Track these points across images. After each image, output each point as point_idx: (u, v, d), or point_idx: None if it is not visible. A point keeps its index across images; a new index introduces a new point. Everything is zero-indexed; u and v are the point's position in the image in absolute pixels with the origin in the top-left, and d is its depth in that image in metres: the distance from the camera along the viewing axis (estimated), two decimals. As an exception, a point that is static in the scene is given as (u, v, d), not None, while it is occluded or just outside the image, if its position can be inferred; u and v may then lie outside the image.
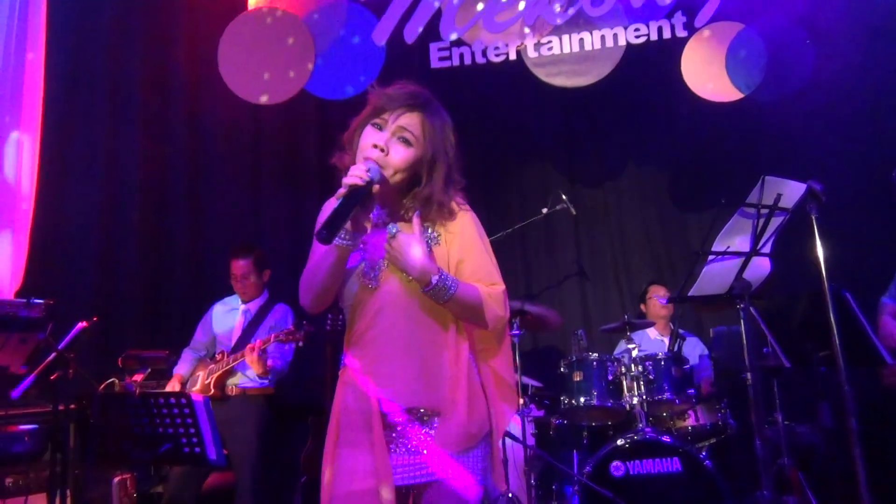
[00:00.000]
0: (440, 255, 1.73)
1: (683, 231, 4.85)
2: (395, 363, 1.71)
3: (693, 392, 3.71)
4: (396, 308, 1.72)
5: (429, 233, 1.75)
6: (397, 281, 1.72)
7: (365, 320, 1.73)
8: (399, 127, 1.71)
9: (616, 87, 4.69)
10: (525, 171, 5.11)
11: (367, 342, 1.74)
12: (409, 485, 1.70)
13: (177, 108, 5.05)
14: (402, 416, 1.72)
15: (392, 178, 1.70)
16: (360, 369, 1.75)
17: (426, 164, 1.73)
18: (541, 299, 4.82)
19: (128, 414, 2.84)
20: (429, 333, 1.72)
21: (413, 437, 1.71)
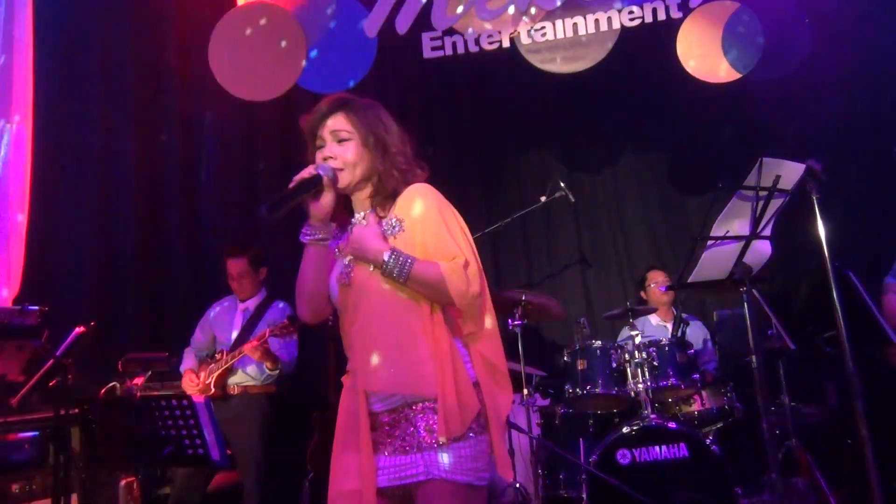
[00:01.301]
0: (407, 242, 1.74)
1: (685, 215, 4.82)
2: (372, 353, 1.72)
3: (698, 377, 3.70)
4: (368, 299, 1.75)
5: (392, 221, 1.77)
6: (365, 273, 1.75)
7: (347, 318, 1.79)
8: (331, 132, 1.81)
9: (612, 72, 4.65)
10: (522, 160, 5.08)
11: (351, 338, 1.78)
12: (401, 485, 1.70)
13: (170, 108, 5.02)
14: (390, 415, 1.73)
15: (354, 175, 1.79)
16: (352, 369, 1.79)
17: (374, 151, 1.79)
18: (542, 288, 4.80)
19: (130, 417, 2.85)
20: (403, 320, 1.73)
21: (402, 436, 1.71)
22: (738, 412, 3.77)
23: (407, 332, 1.72)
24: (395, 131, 1.83)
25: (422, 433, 1.68)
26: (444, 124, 5.03)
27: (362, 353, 1.74)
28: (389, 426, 1.72)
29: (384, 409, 1.73)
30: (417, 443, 1.68)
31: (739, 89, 4.45)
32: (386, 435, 1.72)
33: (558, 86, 4.84)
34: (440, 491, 1.66)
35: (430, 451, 1.67)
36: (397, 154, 1.80)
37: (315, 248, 1.79)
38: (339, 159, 1.78)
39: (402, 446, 1.70)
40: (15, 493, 3.06)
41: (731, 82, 4.42)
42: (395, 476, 1.69)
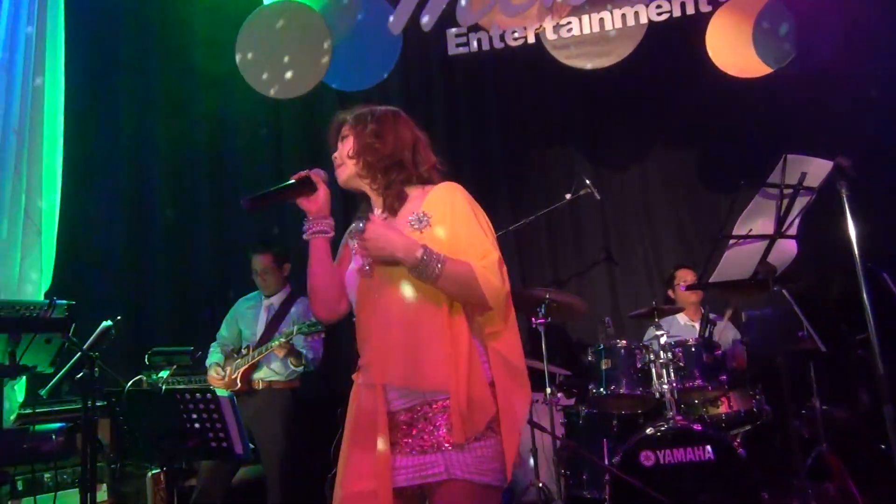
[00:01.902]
0: (434, 237, 1.74)
1: (714, 213, 4.74)
2: (391, 346, 1.72)
3: (725, 378, 3.64)
4: (388, 293, 1.75)
5: (420, 215, 1.78)
6: (388, 268, 1.75)
7: (365, 310, 1.79)
8: (339, 135, 1.91)
9: (639, 67, 4.59)
10: (548, 157, 5.05)
11: (368, 331, 1.78)
12: (419, 484, 1.70)
13: (198, 105, 5.10)
14: (407, 413, 1.72)
15: (350, 169, 1.86)
16: (366, 364, 1.78)
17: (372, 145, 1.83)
18: (568, 286, 4.78)
19: (155, 410, 2.91)
20: (421, 316, 1.72)
21: (421, 435, 1.70)
22: (767, 415, 3.70)
23: (427, 327, 1.71)
24: (392, 124, 1.87)
25: (442, 432, 1.68)
26: (468, 121, 5.03)
27: (380, 347, 1.74)
28: (407, 425, 1.71)
29: (402, 408, 1.72)
30: (437, 442, 1.68)
31: (770, 85, 4.36)
32: (403, 434, 1.71)
33: (584, 82, 4.80)
34: (460, 491, 1.66)
35: (451, 450, 1.67)
36: (377, 138, 1.83)
37: (318, 242, 1.83)
38: (338, 156, 1.88)
39: (420, 445, 1.69)
40: (46, 483, 3.16)
41: (762, 77, 4.33)
42: (414, 475, 1.68)
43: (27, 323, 2.25)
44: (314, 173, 1.85)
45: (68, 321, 2.40)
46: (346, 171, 1.87)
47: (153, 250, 4.96)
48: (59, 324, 2.35)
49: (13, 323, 2.22)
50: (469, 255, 1.71)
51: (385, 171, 1.83)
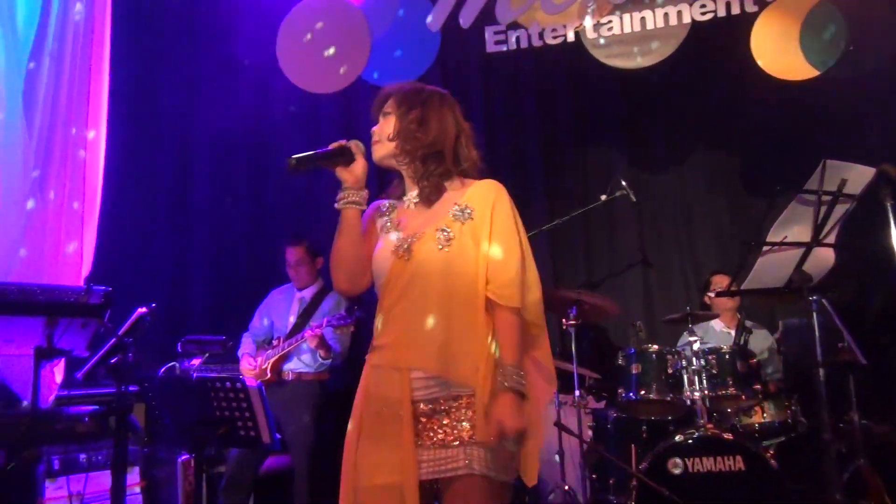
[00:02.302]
0: (474, 231, 1.76)
1: (755, 218, 4.61)
2: (424, 331, 1.71)
3: (760, 387, 3.56)
4: (428, 277, 1.74)
5: (463, 208, 1.79)
6: (430, 251, 1.75)
7: (395, 292, 1.76)
8: (380, 111, 1.89)
9: (681, 68, 4.50)
10: (586, 157, 4.99)
11: (397, 315, 1.76)
12: (436, 478, 1.69)
13: (239, 99, 5.20)
14: (428, 405, 1.70)
15: (387, 148, 1.84)
16: (390, 345, 1.75)
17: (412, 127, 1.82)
18: (601, 288, 4.71)
19: (186, 397, 2.98)
20: (460, 307, 1.72)
21: (443, 429, 1.69)
22: (802, 427, 3.61)
23: (463, 319, 1.71)
24: (439, 109, 1.86)
25: (465, 427, 1.68)
26: (506, 119, 5.00)
27: (409, 330, 1.72)
28: (427, 417, 1.70)
29: (423, 398, 1.70)
30: (459, 437, 1.67)
31: (816, 88, 4.23)
32: (423, 426, 1.70)
33: (624, 82, 4.72)
34: (479, 486, 1.65)
35: (473, 445, 1.66)
36: (421, 124, 1.82)
37: (349, 212, 1.81)
38: (377, 132, 1.87)
39: (443, 439, 1.68)
40: (81, 463, 3.27)
41: (808, 80, 4.21)
42: (434, 469, 1.67)
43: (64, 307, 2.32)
44: (354, 144, 1.84)
45: (104, 307, 2.47)
46: (383, 149, 1.86)
47: (192, 240, 5.06)
48: (95, 309, 2.42)
49: (50, 307, 2.30)
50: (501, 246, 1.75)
51: (423, 160, 1.83)
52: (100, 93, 3.84)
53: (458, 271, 1.74)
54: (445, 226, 1.77)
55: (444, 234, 1.76)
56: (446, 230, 1.76)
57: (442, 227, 1.77)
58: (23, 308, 2.29)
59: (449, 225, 1.78)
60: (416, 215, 1.85)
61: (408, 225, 1.84)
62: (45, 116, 3.64)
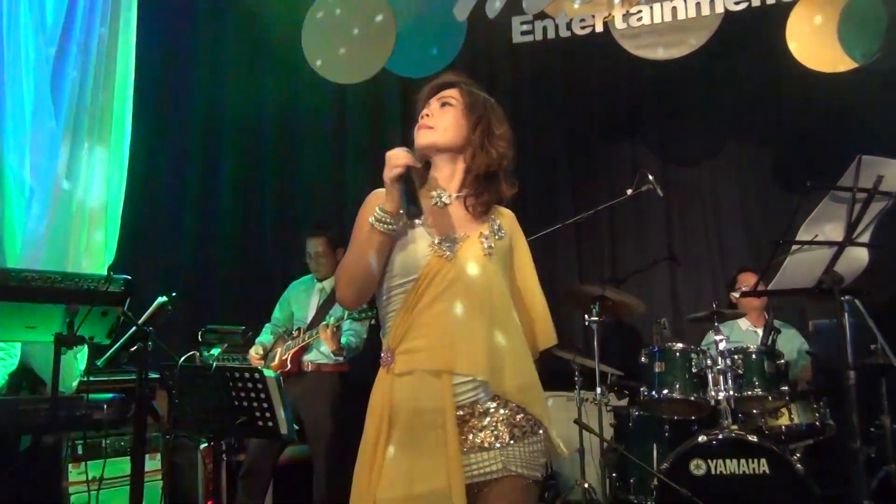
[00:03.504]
0: (503, 252, 1.79)
1: (786, 215, 4.51)
2: (471, 335, 1.67)
3: (787, 389, 3.49)
4: (473, 281, 1.71)
5: (497, 224, 1.82)
6: (477, 255, 1.74)
7: (434, 290, 1.69)
8: (438, 98, 1.83)
9: (713, 59, 4.41)
10: (612, 150, 4.93)
11: (435, 315, 1.68)
12: (475, 482, 1.66)
13: (265, 90, 5.22)
14: (465, 409, 1.67)
15: (442, 137, 1.78)
16: (426, 348, 1.67)
17: (473, 125, 1.78)
18: (627, 284, 4.66)
19: (205, 386, 3.00)
20: (503, 318, 1.73)
21: (480, 431, 1.67)
22: (831, 430, 3.53)
23: (506, 331, 1.71)
24: (505, 126, 1.82)
25: (500, 429, 1.67)
26: (532, 111, 4.96)
27: (452, 332, 1.66)
28: (464, 422, 1.66)
29: (462, 403, 1.66)
30: (493, 439, 1.67)
31: (854, 81, 4.09)
32: (461, 430, 1.66)
33: (654, 73, 4.64)
34: (515, 486, 1.66)
35: (507, 446, 1.66)
36: (500, 139, 1.78)
37: (385, 236, 1.69)
38: (434, 118, 1.79)
39: (479, 443, 1.66)
40: (104, 449, 3.32)
41: (845, 73, 4.08)
42: (472, 473, 1.65)
43: (83, 295, 2.35)
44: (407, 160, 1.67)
45: (124, 296, 2.49)
46: (435, 137, 1.78)
47: (216, 229, 5.11)
48: (115, 298, 2.44)
49: (70, 295, 2.32)
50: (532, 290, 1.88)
51: (485, 177, 1.78)
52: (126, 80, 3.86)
53: (495, 281, 1.75)
54: (488, 234, 1.78)
55: (488, 241, 1.76)
56: (488, 238, 1.77)
57: (486, 234, 1.77)
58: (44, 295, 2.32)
59: (489, 235, 1.78)
60: (447, 215, 1.78)
61: (440, 224, 1.76)
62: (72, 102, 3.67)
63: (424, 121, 1.79)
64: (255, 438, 3.65)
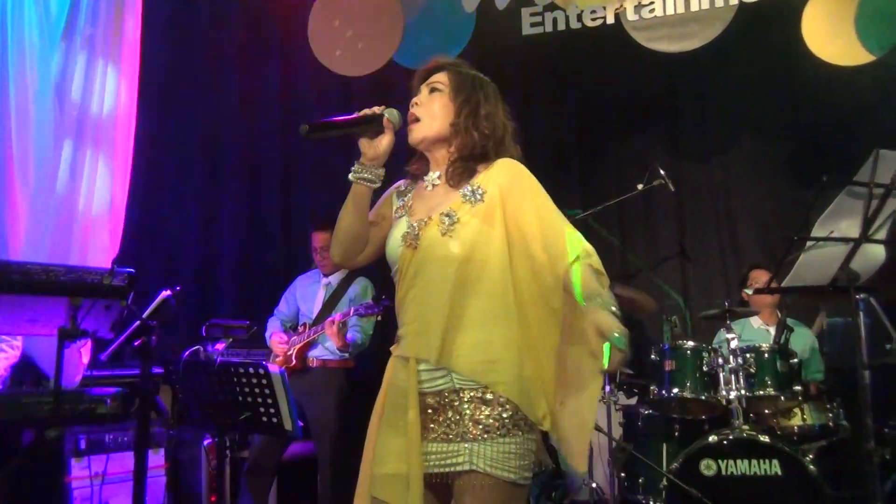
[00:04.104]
0: (487, 213, 1.72)
1: (801, 211, 4.48)
2: (427, 321, 1.70)
3: (800, 388, 3.47)
4: (432, 264, 1.72)
5: (474, 188, 1.75)
6: (433, 237, 1.72)
7: (406, 282, 1.75)
8: (427, 84, 1.84)
9: (726, 52, 4.38)
10: (624, 144, 4.91)
11: (408, 305, 1.75)
12: (442, 473, 1.67)
13: (271, 82, 5.21)
14: (434, 398, 1.68)
15: (431, 128, 1.79)
16: (403, 335, 1.75)
17: (461, 109, 1.78)
18: (636, 281, 4.63)
19: (209, 381, 3.00)
20: (468, 296, 1.69)
21: (447, 423, 1.67)
22: (844, 431, 3.51)
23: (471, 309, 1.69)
24: (495, 105, 1.82)
25: (467, 423, 1.65)
26: (541, 103, 4.93)
27: (416, 320, 1.72)
28: (433, 409, 1.68)
29: (430, 391, 1.69)
30: (462, 432, 1.65)
31: (871, 74, 4.06)
32: (429, 419, 1.68)
33: (666, 66, 4.63)
34: (481, 483, 1.63)
35: (475, 441, 1.64)
36: (486, 120, 1.78)
37: (360, 188, 1.77)
38: (422, 108, 1.80)
39: (445, 434, 1.67)
40: (107, 443, 3.34)
41: (862, 66, 4.04)
42: (439, 463, 1.66)
43: (86, 288, 2.35)
44: (388, 115, 1.75)
45: (127, 289, 2.48)
46: (427, 129, 1.79)
47: (221, 223, 5.11)
48: (118, 291, 2.44)
49: (72, 287, 2.32)
50: (553, 225, 1.73)
51: (470, 157, 1.79)
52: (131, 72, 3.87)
53: (463, 257, 1.70)
54: (452, 209, 1.74)
55: (449, 218, 1.72)
56: (452, 214, 1.73)
57: (447, 212, 1.73)
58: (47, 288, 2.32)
59: (457, 208, 1.73)
60: (429, 198, 1.82)
61: (418, 209, 1.81)
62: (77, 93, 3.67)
63: (413, 110, 1.81)
64: (260, 435, 3.66)
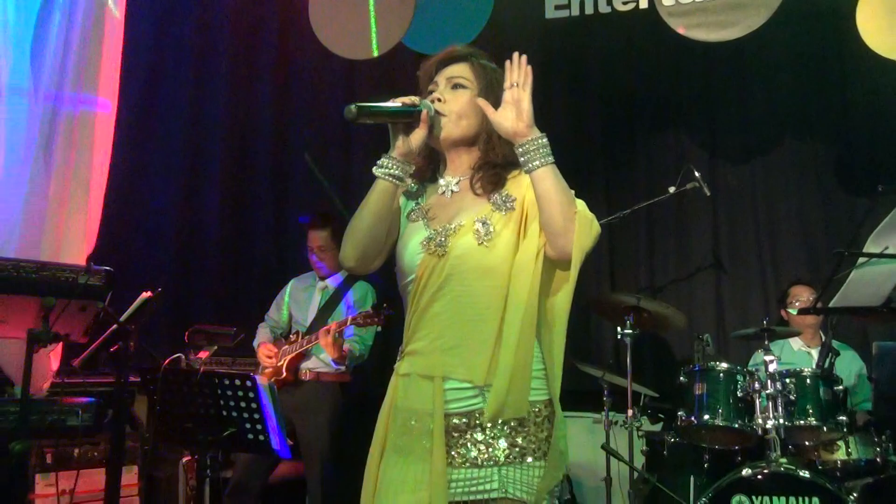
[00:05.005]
0: (515, 225, 1.74)
1: (850, 220, 4.49)
2: (463, 337, 1.70)
3: (845, 419, 3.47)
4: (465, 276, 1.72)
5: (504, 195, 1.77)
6: (468, 246, 1.73)
7: (428, 293, 1.74)
8: (447, 78, 1.84)
9: (771, 43, 4.38)
10: (655, 141, 4.91)
11: (431, 318, 1.74)
12: (471, 500, 1.68)
13: (264, 67, 5.25)
14: (462, 418, 1.70)
15: (457, 127, 1.80)
16: (422, 351, 1.75)
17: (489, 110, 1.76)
18: (665, 294, 4.65)
19: (191, 393, 3.03)
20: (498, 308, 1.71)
21: (475, 446, 1.69)
22: (894, 468, 3.50)
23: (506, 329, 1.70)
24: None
25: (502, 445, 1.68)
26: (565, 95, 4.95)
27: (444, 335, 1.72)
28: (460, 432, 1.70)
29: (456, 412, 1.70)
30: (495, 455, 1.68)
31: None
32: (455, 442, 1.70)
33: (704, 56, 4.63)
34: None
35: (509, 465, 1.67)
36: None
37: (385, 185, 1.76)
38: (446, 105, 1.81)
39: (475, 459, 1.69)
40: (75, 458, 3.36)
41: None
42: (465, 490, 1.68)
43: (60, 287, 2.38)
44: (426, 108, 1.76)
45: (105, 289, 2.52)
46: (450, 129, 1.80)
47: (209, 221, 5.15)
48: (95, 291, 2.47)
49: (44, 286, 2.35)
50: None
51: (503, 165, 1.80)
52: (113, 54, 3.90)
53: (504, 269, 1.72)
54: (486, 217, 1.75)
55: (485, 226, 1.74)
56: (487, 222, 1.75)
57: (482, 219, 1.75)
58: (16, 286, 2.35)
59: (489, 216, 1.76)
60: (451, 204, 1.83)
61: (441, 215, 1.81)
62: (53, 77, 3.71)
63: (437, 105, 1.80)
64: (244, 453, 3.68)
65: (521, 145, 1.68)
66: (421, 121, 1.75)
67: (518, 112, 1.68)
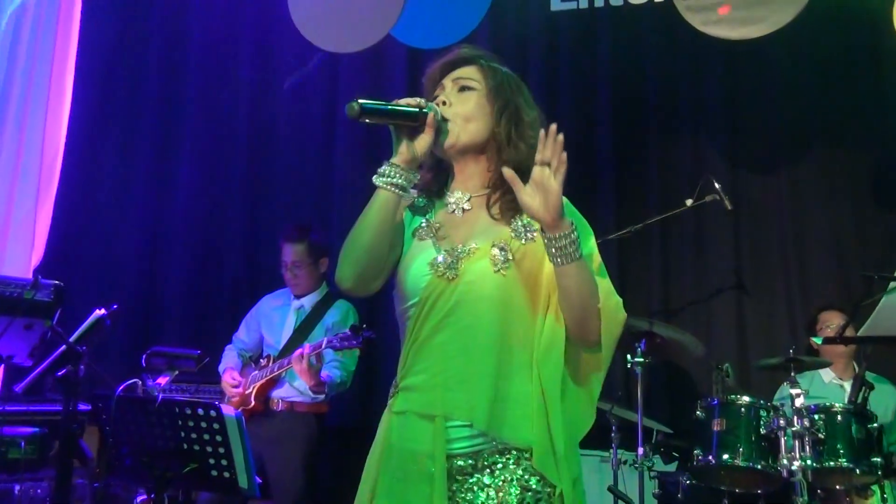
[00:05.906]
0: (536, 256, 1.75)
1: (888, 239, 4.53)
2: (471, 373, 1.70)
3: (881, 461, 3.48)
4: (477, 305, 1.72)
5: (525, 222, 1.77)
6: (483, 272, 1.73)
7: (433, 320, 1.73)
8: (454, 80, 1.85)
9: (799, 41, 4.43)
10: (670, 149, 4.94)
11: (434, 347, 1.73)
12: None
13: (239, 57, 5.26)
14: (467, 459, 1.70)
15: (464, 131, 1.80)
16: (421, 386, 1.74)
17: (499, 114, 1.81)
18: (680, 319, 4.66)
19: (148, 423, 3.01)
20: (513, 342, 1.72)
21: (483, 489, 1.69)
22: (934, 514, 3.52)
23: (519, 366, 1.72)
24: (535, 110, 1.86)
25: (514, 489, 1.68)
26: (571, 95, 4.98)
27: (449, 369, 1.71)
28: (464, 475, 1.70)
29: (461, 453, 1.70)
30: (505, 500, 1.68)
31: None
32: (460, 485, 1.70)
33: (725, 55, 4.67)
34: None
35: None
36: (531, 128, 1.81)
37: (387, 195, 1.73)
38: (452, 108, 1.81)
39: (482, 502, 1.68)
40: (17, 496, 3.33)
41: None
42: None
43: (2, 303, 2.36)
44: (432, 112, 1.75)
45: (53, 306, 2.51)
46: (457, 133, 1.80)
47: (170, 228, 5.14)
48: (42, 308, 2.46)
49: (-15, 302, 2.34)
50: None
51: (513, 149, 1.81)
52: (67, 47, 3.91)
53: (515, 303, 1.73)
54: (504, 243, 1.76)
55: (503, 253, 1.74)
56: (505, 249, 1.75)
57: (500, 244, 1.76)
58: (-47, 301, 2.34)
59: (508, 243, 1.76)
60: (463, 224, 1.82)
61: (452, 235, 1.81)
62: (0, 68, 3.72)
63: (442, 109, 1.80)
64: (208, 492, 3.66)
65: (547, 238, 1.66)
66: (427, 125, 1.75)
67: (545, 202, 1.64)
